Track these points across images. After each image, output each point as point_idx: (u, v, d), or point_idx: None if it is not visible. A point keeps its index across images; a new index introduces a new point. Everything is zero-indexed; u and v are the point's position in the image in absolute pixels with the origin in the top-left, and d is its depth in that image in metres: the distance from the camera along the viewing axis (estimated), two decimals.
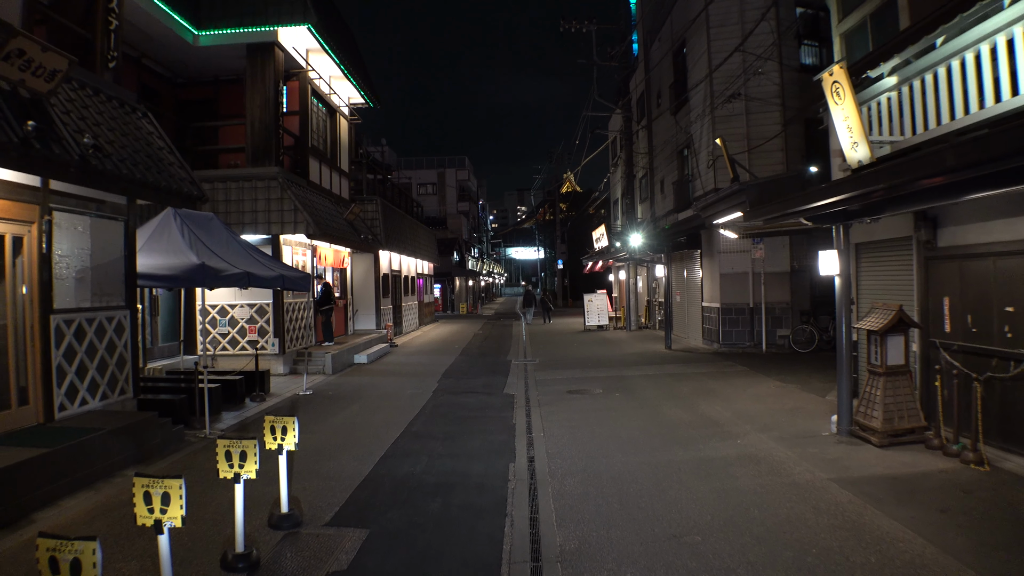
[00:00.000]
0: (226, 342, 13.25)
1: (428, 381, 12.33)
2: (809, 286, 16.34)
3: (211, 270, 8.29)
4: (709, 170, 16.57)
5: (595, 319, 23.54)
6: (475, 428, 8.36)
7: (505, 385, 11.77)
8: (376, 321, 19.44)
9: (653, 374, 12.59)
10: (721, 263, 16.21)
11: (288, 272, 10.29)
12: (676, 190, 19.62)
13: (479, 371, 13.74)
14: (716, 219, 8.80)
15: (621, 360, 14.92)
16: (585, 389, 11.06)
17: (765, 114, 16.28)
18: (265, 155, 13.22)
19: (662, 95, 21.41)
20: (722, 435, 7.68)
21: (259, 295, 12.96)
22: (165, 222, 9.19)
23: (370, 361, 15.22)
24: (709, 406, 9.37)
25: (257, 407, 9.97)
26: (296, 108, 15.09)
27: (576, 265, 46.69)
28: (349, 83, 17.39)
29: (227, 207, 13.08)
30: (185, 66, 14.91)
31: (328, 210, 15.19)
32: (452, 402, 10.19)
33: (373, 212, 19.30)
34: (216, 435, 8.16)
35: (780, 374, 12.07)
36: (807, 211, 6.61)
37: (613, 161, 29.25)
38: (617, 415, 8.90)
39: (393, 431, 8.23)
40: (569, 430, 8.08)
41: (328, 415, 9.32)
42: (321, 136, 16.46)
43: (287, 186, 12.98)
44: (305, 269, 14.59)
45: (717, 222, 9.13)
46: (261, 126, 13.28)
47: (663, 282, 20.66)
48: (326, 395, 10.97)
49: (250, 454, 4.31)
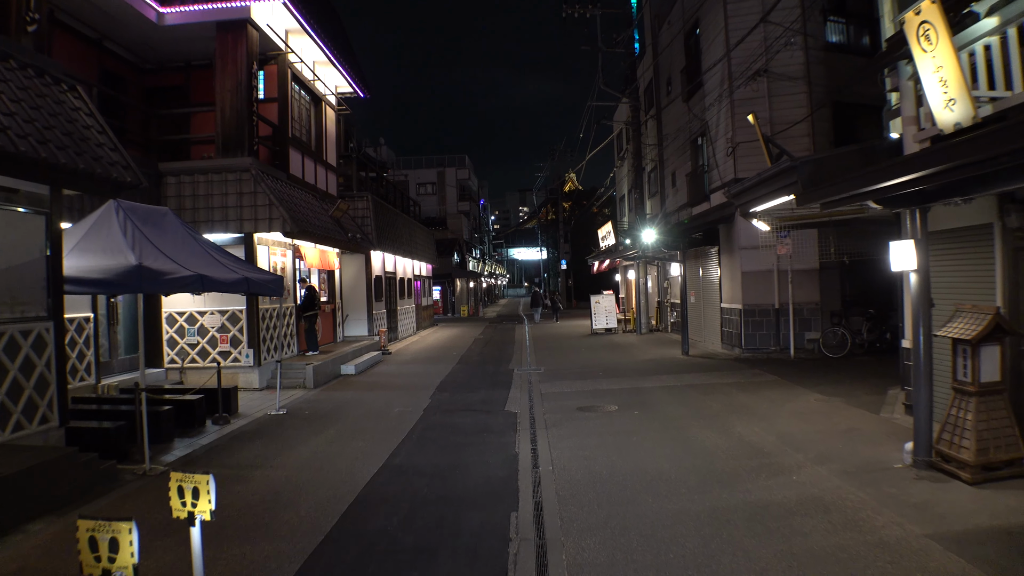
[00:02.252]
0: (195, 353, 11.87)
1: (420, 396, 10.94)
2: (840, 284, 14.92)
3: (151, 273, 6.93)
4: (728, 159, 15.15)
5: (603, 322, 22.12)
6: (470, 460, 6.96)
7: (506, 401, 10.37)
8: (368, 327, 18.06)
9: (673, 385, 11.18)
10: (743, 260, 14.79)
11: (255, 274, 8.92)
12: (690, 182, 18.20)
13: (478, 383, 12.34)
14: (756, 205, 7.40)
15: (635, 368, 13.51)
16: (597, 405, 9.65)
17: (789, 96, 14.87)
18: (237, 145, 11.85)
19: (672, 81, 20.00)
20: (771, 468, 6.27)
21: (231, 301, 11.59)
22: (105, 217, 7.82)
23: (358, 372, 13.83)
24: (746, 427, 7.95)
25: (219, 432, 8.58)
26: (274, 95, 13.72)
27: (580, 265, 45.31)
28: (335, 70, 16.02)
29: (194, 203, 11.71)
30: (152, 49, 13.55)
31: (311, 207, 13.82)
32: (445, 423, 8.79)
33: (363, 209, 17.92)
34: (159, 470, 6.78)
35: (818, 385, 10.65)
36: (887, 189, 5.19)
37: (619, 155, 27.84)
38: (639, 440, 7.49)
39: (371, 465, 6.84)
40: (583, 462, 6.68)
41: (297, 442, 7.92)
42: (304, 126, 15.09)
43: (261, 179, 11.61)
44: (285, 271, 13.21)
45: (757, 209, 7.72)
46: (232, 112, 11.90)
47: (678, 281, 19.23)
48: (301, 415, 9.58)
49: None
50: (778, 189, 6.66)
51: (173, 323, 11.89)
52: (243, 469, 6.82)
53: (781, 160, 6.66)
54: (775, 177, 6.64)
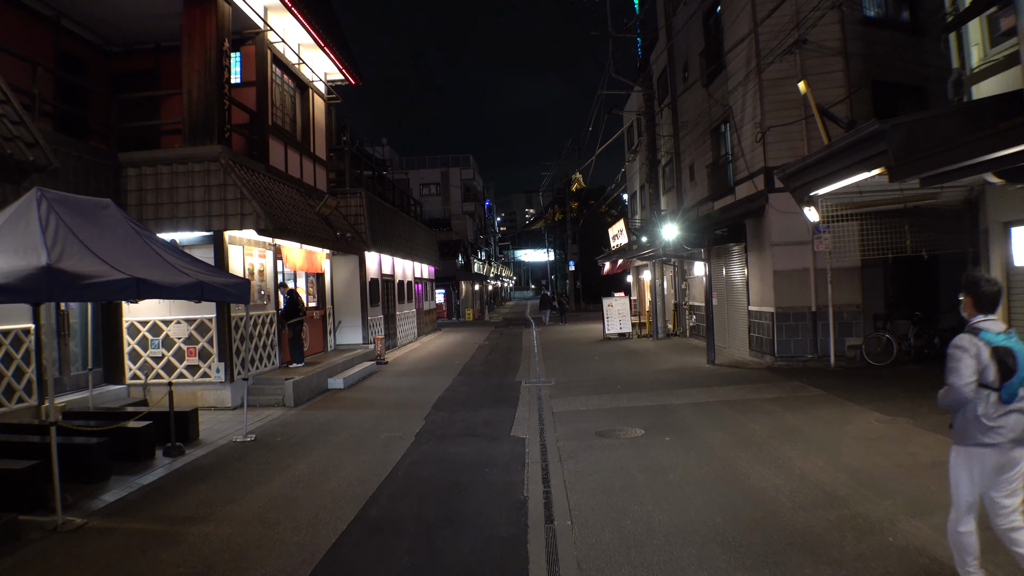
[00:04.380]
0: (160, 368, 10.48)
1: (413, 417, 9.51)
2: (883, 284, 13.41)
3: (64, 277, 5.53)
4: (757, 146, 13.67)
5: (616, 326, 20.63)
6: (467, 509, 5.52)
7: (513, 422, 8.92)
8: (363, 334, 16.65)
9: (704, 402, 9.71)
10: (775, 258, 13.29)
11: (214, 278, 7.51)
12: (711, 174, 16.73)
13: (480, 399, 10.90)
14: (821, 186, 5.94)
15: (657, 380, 12.03)
16: (619, 429, 8.19)
17: (824, 75, 13.33)
18: (205, 131, 10.46)
19: (690, 66, 18.53)
20: (856, 524, 4.80)
21: (200, 308, 10.19)
22: (23, 209, 6.41)
23: (347, 386, 12.41)
24: (805, 460, 6.48)
25: (168, 466, 7.18)
26: (252, 78, 12.35)
27: (589, 266, 43.81)
28: (323, 54, 14.63)
29: (157, 197, 10.32)
30: (118, 29, 12.23)
31: (294, 203, 12.42)
32: (439, 455, 7.35)
33: (356, 207, 16.52)
34: (75, 524, 5.38)
35: (872, 401, 9.15)
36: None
37: (631, 149, 26.36)
38: (677, 480, 6.03)
39: (340, 517, 5.40)
40: (611, 514, 5.22)
41: (257, 482, 6.50)
42: (287, 114, 13.71)
43: (232, 169, 10.21)
44: (264, 275, 11.82)
45: (821, 192, 6.26)
46: (201, 95, 10.52)
47: (700, 282, 17.75)
48: (271, 443, 8.16)
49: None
50: (857, 163, 5.20)
51: (135, 334, 10.51)
52: (178, 523, 5.40)
53: (860, 126, 5.19)
54: (853, 147, 5.18)
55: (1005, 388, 3.38)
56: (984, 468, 3.49)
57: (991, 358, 3.40)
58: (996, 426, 3.42)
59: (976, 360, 3.42)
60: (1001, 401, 3.41)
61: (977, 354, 3.42)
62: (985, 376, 3.42)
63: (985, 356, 3.41)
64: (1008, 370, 3.37)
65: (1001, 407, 3.41)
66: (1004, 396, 3.39)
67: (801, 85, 7.73)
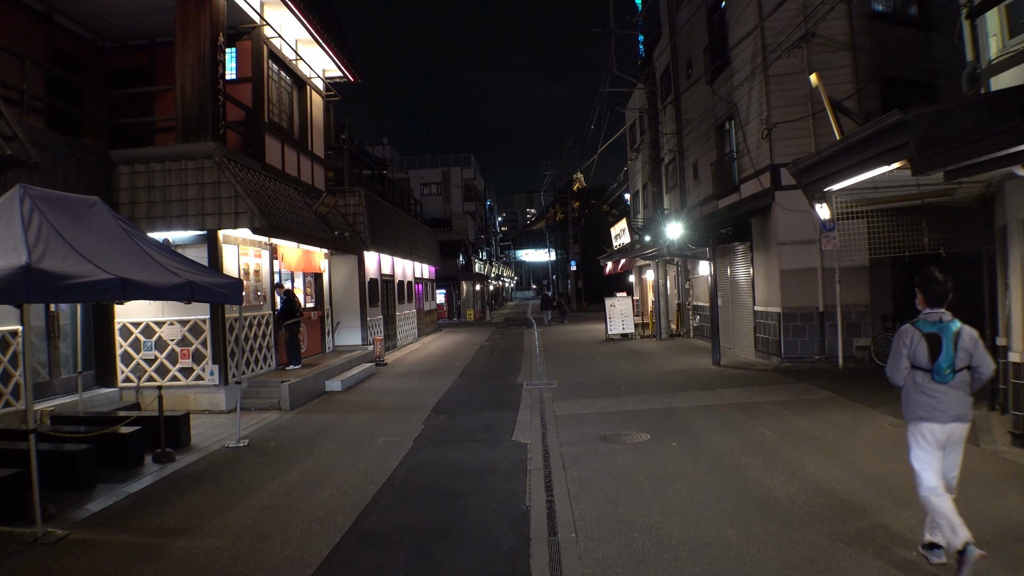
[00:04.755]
0: (153, 370, 10.23)
1: (412, 420, 9.25)
2: (892, 284, 13.16)
3: (45, 277, 5.29)
4: (763, 143, 13.40)
5: (619, 326, 20.36)
6: (466, 519, 5.26)
7: (514, 426, 8.67)
8: (362, 335, 16.40)
9: (711, 404, 9.45)
10: (781, 257, 13.03)
11: (204, 278, 7.26)
12: (715, 172, 16.46)
13: (481, 401, 10.65)
14: (835, 181, 5.68)
15: (662, 382, 11.77)
16: (624, 433, 7.94)
17: (833, 71, 13.06)
18: (199, 128, 10.21)
19: (693, 63, 18.26)
20: (877, 536, 4.55)
21: (193, 310, 9.93)
22: (5, 207, 6.19)
23: (345, 388, 12.15)
24: (819, 466, 6.23)
25: (158, 473, 6.93)
26: (248, 74, 12.10)
27: (590, 266, 43.56)
28: (321, 50, 14.38)
29: (150, 195, 10.07)
30: (111, 24, 11.97)
31: (290, 201, 12.17)
32: (438, 461, 7.09)
33: (355, 206, 16.27)
34: (56, 536, 5.13)
35: (883, 404, 8.88)
36: None
37: (633, 147, 26.09)
38: (686, 489, 5.77)
39: (333, 529, 5.15)
40: (617, 526, 4.96)
41: (249, 490, 6.24)
42: (285, 112, 13.46)
43: (226, 166, 9.96)
44: (260, 275, 11.57)
45: (836, 187, 6.00)
46: (194, 91, 10.27)
47: (704, 282, 17.48)
48: (264, 448, 7.90)
49: None
50: (876, 156, 4.94)
51: (128, 335, 10.27)
52: (163, 535, 5.15)
53: (880, 117, 4.93)
54: (872, 140, 4.92)
55: (935, 369, 3.91)
56: (932, 441, 3.98)
57: (922, 343, 3.95)
58: (935, 403, 3.93)
59: (908, 345, 4.01)
60: (934, 380, 3.92)
61: (911, 339, 4.01)
62: (918, 359, 3.97)
63: (916, 341, 3.98)
64: (936, 353, 3.89)
65: (937, 386, 3.92)
66: (935, 376, 3.91)
67: (813, 77, 7.47)
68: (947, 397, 3.91)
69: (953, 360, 3.89)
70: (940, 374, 3.90)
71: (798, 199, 12.97)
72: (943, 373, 3.90)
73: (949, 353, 3.88)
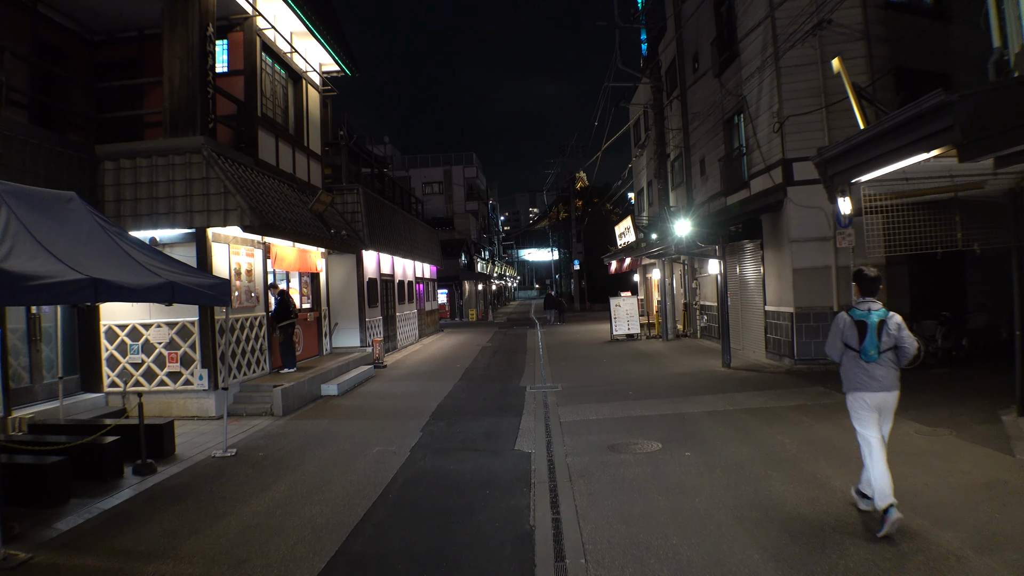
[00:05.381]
0: (140, 375, 9.81)
1: (409, 427, 8.81)
2: (908, 283, 12.67)
3: (7, 277, 4.88)
4: (775, 136, 12.93)
5: (624, 327, 19.89)
6: (464, 542, 4.81)
7: (517, 434, 8.22)
8: (360, 337, 15.96)
9: (724, 410, 8.99)
10: (794, 255, 12.55)
11: (187, 278, 6.83)
12: (724, 168, 15.99)
13: (482, 406, 10.20)
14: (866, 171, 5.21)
15: (671, 385, 11.31)
16: (634, 442, 7.48)
17: (845, 62, 12.51)
18: (188, 122, 9.78)
19: (700, 56, 17.79)
20: (920, 561, 4.09)
21: (181, 311, 9.52)
22: None
23: (341, 392, 11.71)
24: (847, 479, 5.75)
25: (137, 486, 6.49)
26: (240, 67, 11.67)
27: (594, 265, 43.12)
28: (317, 43, 13.96)
29: (136, 192, 9.65)
30: (97, 15, 11.56)
31: (284, 198, 11.73)
32: (435, 473, 6.64)
33: (353, 204, 15.83)
34: (19, 560, 4.70)
35: (905, 408, 8.26)
36: None
37: (638, 144, 25.62)
38: (704, 506, 5.31)
39: (319, 553, 4.70)
40: (631, 550, 4.51)
41: (232, 506, 5.80)
42: (279, 106, 13.03)
43: (215, 162, 9.52)
44: (252, 275, 11.14)
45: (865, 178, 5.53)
46: (182, 83, 9.84)
47: (712, 281, 17.00)
48: (253, 458, 7.46)
49: None
50: (915, 142, 4.48)
51: (113, 338, 9.85)
52: (134, 559, 4.71)
53: (920, 99, 4.47)
54: (911, 124, 4.46)
55: (862, 350, 4.61)
56: (868, 407, 4.69)
57: (852, 327, 4.66)
58: (868, 377, 4.63)
59: (841, 328, 4.73)
60: (861, 359, 4.63)
61: (843, 324, 4.73)
62: (849, 340, 4.69)
63: (848, 326, 4.69)
64: (862, 337, 4.59)
65: (867, 364, 4.61)
66: (863, 355, 4.62)
67: (835, 62, 7.03)
68: (875, 372, 4.61)
69: (877, 343, 4.58)
70: (866, 354, 4.61)
71: (811, 195, 12.52)
72: (869, 353, 4.60)
73: (872, 338, 4.57)
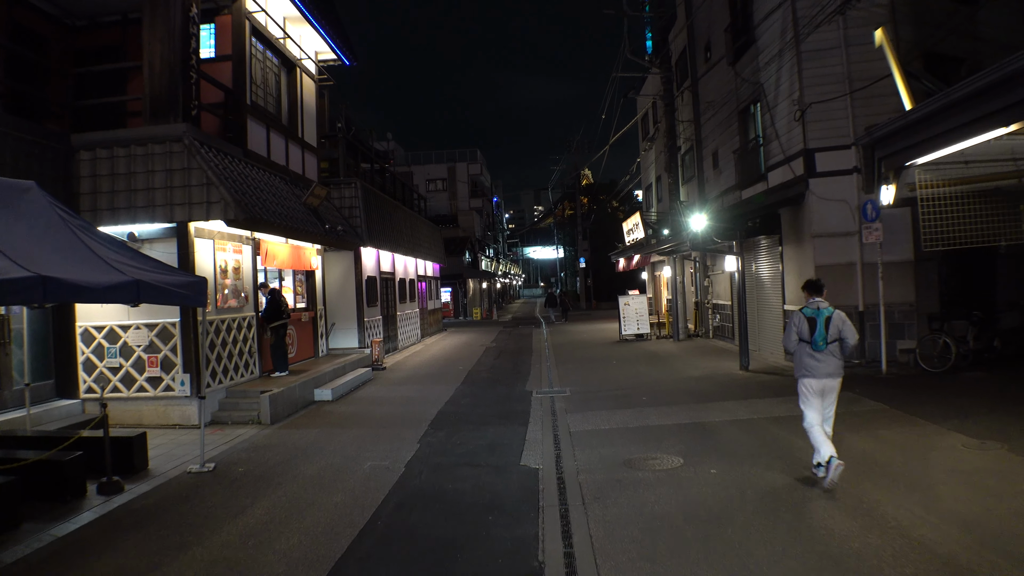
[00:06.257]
0: (118, 380, 9.16)
1: (406, 438, 8.12)
2: (937, 280, 11.91)
3: None
4: (795, 125, 12.18)
5: (634, 326, 19.16)
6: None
7: (523, 446, 7.52)
8: (359, 337, 15.29)
9: (748, 419, 8.27)
10: (816, 251, 11.82)
11: (158, 275, 6.16)
12: (739, 160, 15.25)
13: (486, 414, 9.51)
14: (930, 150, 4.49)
15: (687, 389, 10.60)
16: (653, 456, 6.77)
17: (870, 46, 11.82)
18: (168, 108, 9.11)
19: (713, 44, 17.04)
20: None
21: (162, 312, 8.87)
22: None
23: (336, 398, 11.03)
24: (897, 504, 5.05)
25: (100, 508, 5.82)
26: (228, 52, 10.98)
27: (600, 263, 42.37)
28: (312, 29, 13.29)
29: (113, 184, 8.98)
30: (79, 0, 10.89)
31: (275, 191, 11.06)
32: (432, 494, 5.95)
33: (351, 198, 15.16)
34: None
35: (945, 417, 7.72)
36: None
37: (647, 138, 24.86)
38: (739, 538, 4.60)
39: None
40: None
41: (198, 535, 5.11)
42: (271, 94, 12.35)
43: (197, 151, 8.85)
44: (240, 272, 10.47)
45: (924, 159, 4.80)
46: (163, 67, 9.17)
47: (727, 278, 16.26)
48: (233, 474, 6.79)
49: None
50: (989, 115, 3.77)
51: (90, 340, 9.19)
52: None
53: (996, 65, 3.75)
54: (982, 95, 3.74)
55: (813, 341, 5.50)
56: (814, 391, 5.60)
57: (804, 322, 5.56)
58: (816, 364, 5.53)
59: (796, 324, 5.63)
60: (813, 349, 5.52)
61: (798, 320, 5.63)
62: (803, 334, 5.57)
63: (801, 321, 5.59)
64: (813, 330, 5.49)
65: (816, 353, 5.52)
66: (813, 346, 5.51)
67: (878, 33, 6.35)
68: (822, 360, 5.54)
69: (825, 335, 5.49)
70: (816, 345, 5.52)
71: (835, 187, 11.79)
72: (818, 344, 5.51)
73: (821, 331, 5.50)
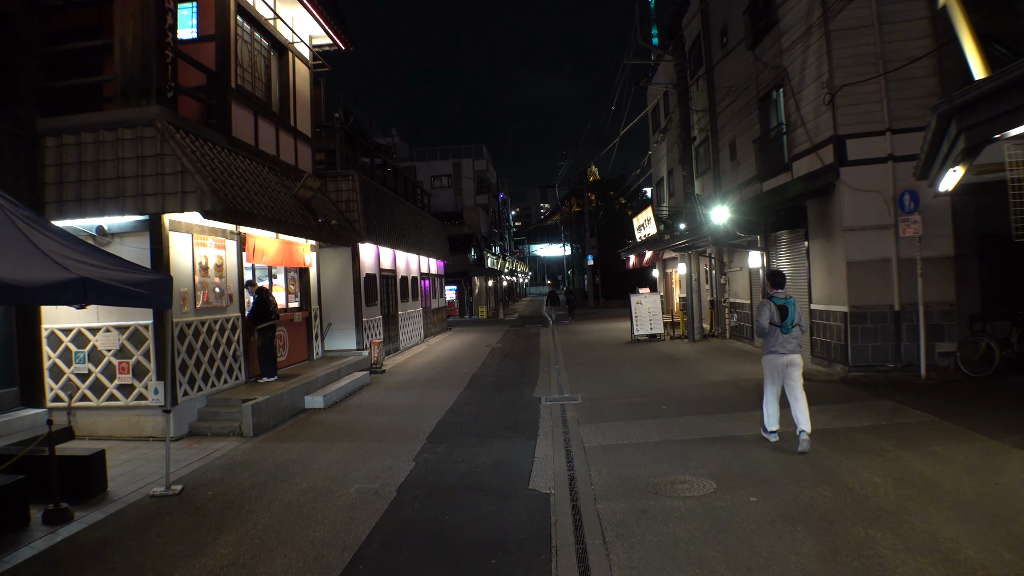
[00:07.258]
0: (87, 387, 8.37)
1: (400, 454, 7.29)
2: (979, 278, 10.99)
3: None
4: (824, 110, 11.28)
5: (646, 326, 18.26)
6: None
7: (532, 465, 6.67)
8: (357, 338, 14.48)
9: (782, 431, 7.39)
10: (848, 246, 10.92)
11: (111, 272, 5.35)
12: (759, 150, 14.35)
13: (490, 425, 8.67)
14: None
15: (710, 396, 9.73)
16: (681, 479, 5.91)
17: (905, 25, 10.98)
18: (141, 90, 8.30)
19: (730, 28, 16.13)
20: None
21: (134, 314, 8.08)
22: None
23: (328, 405, 10.22)
24: (976, 543, 4.19)
25: (42, 542, 5.02)
26: (211, 32, 10.17)
27: (609, 260, 41.46)
28: (305, 10, 12.48)
29: (80, 172, 8.18)
30: None
31: (263, 182, 10.24)
32: (425, 529, 5.11)
33: (348, 191, 14.33)
34: None
35: (1004, 431, 6.85)
36: None
37: (658, 129, 23.94)
38: None
39: None
40: None
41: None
42: (260, 79, 11.53)
43: (171, 136, 8.03)
44: (223, 270, 9.66)
45: None
46: (135, 44, 8.36)
47: (747, 275, 15.36)
48: (200, 498, 5.97)
49: None
50: None
51: (57, 344, 8.41)
52: None
53: None
54: None
55: (784, 326, 6.64)
56: (777, 366, 6.76)
57: (776, 311, 6.67)
58: (782, 343, 6.71)
59: (769, 312, 6.69)
60: (782, 332, 6.67)
61: (770, 309, 6.70)
62: (773, 320, 6.68)
63: (772, 310, 6.68)
64: (784, 316, 6.63)
65: (783, 335, 6.68)
66: (783, 330, 6.66)
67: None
68: (787, 340, 6.69)
69: (793, 320, 6.62)
70: (786, 328, 6.64)
71: (869, 176, 10.88)
72: (788, 328, 6.63)
73: (791, 316, 6.61)
